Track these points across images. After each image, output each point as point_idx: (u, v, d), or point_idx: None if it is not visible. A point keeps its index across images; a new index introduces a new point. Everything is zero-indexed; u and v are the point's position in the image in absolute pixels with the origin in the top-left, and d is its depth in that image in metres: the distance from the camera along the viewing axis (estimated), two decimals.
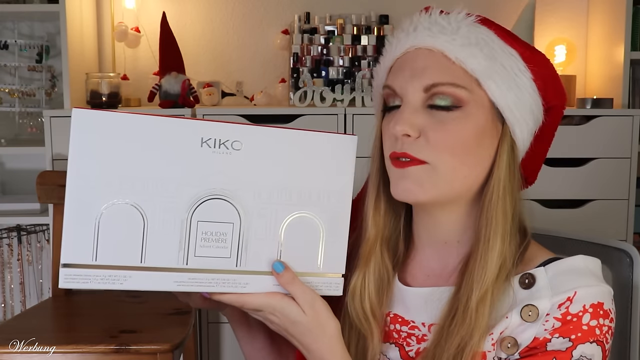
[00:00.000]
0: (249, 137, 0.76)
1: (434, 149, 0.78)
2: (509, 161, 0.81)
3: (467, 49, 0.79)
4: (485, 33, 0.81)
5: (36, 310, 1.88)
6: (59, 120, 2.16)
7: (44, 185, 2.07)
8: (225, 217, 0.76)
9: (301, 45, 2.49)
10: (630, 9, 2.28)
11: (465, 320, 0.78)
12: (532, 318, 0.77)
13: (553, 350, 0.76)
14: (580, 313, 0.76)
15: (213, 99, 2.44)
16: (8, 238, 2.56)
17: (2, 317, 2.59)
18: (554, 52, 2.53)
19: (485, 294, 0.78)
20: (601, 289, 0.78)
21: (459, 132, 0.78)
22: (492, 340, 0.79)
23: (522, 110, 0.81)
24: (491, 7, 2.56)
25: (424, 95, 0.79)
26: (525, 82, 0.81)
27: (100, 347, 1.55)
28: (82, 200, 0.72)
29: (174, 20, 2.49)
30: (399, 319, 0.88)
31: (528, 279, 0.80)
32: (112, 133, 0.72)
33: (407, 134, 0.79)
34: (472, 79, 0.79)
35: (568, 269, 0.80)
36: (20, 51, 2.44)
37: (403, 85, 0.81)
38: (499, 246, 0.79)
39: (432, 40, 0.80)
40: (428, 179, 0.79)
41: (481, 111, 0.79)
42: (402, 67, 0.82)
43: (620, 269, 1.03)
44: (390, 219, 0.89)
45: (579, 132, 2.20)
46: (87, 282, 0.72)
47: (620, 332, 1.03)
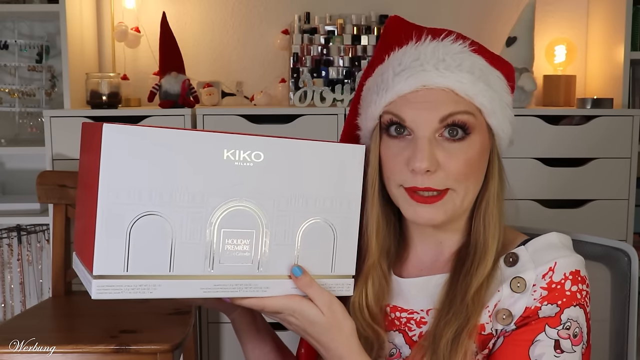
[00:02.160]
0: (268, 148, 0.81)
1: (451, 178, 0.85)
2: (499, 169, 0.91)
3: (475, 86, 0.86)
4: (478, 60, 0.89)
5: (36, 310, 1.89)
6: (59, 120, 2.16)
7: (44, 185, 2.07)
8: (247, 225, 0.81)
9: (301, 45, 2.49)
10: (630, 9, 2.28)
11: (462, 310, 0.86)
12: (520, 289, 0.86)
13: (544, 317, 0.85)
14: (562, 280, 0.86)
15: (213, 99, 2.44)
16: (8, 238, 2.56)
17: (2, 317, 2.59)
18: (554, 52, 2.53)
19: (481, 286, 0.87)
20: (576, 258, 0.88)
21: (469, 159, 0.86)
22: (489, 312, 0.87)
23: (507, 125, 0.91)
24: (491, 7, 2.56)
25: (437, 126, 0.85)
26: (508, 100, 0.91)
27: (100, 347, 1.55)
28: (113, 213, 0.74)
29: (174, 20, 2.50)
30: (398, 308, 0.95)
31: (512, 258, 0.89)
32: (140, 147, 0.74)
33: (429, 170, 0.84)
34: (476, 108, 0.87)
35: (545, 244, 0.89)
36: (20, 51, 2.44)
37: (416, 117, 0.85)
38: (495, 247, 0.89)
39: (443, 80, 0.85)
40: (450, 204, 0.87)
41: (482, 133, 0.88)
42: (412, 102, 0.86)
43: (618, 268, 1.03)
44: (388, 233, 0.95)
45: (579, 132, 2.20)
46: (119, 292, 0.75)
47: (618, 331, 1.03)
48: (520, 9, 2.40)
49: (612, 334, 1.05)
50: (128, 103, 2.47)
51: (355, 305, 0.92)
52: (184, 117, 2.18)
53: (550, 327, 0.84)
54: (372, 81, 0.93)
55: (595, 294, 1.00)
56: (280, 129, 2.20)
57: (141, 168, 0.74)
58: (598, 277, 1.04)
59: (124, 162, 0.74)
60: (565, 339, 0.84)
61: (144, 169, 0.75)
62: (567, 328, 0.84)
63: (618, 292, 1.03)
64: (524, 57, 2.28)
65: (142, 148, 0.74)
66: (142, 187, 0.75)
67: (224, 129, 2.19)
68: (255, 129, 2.19)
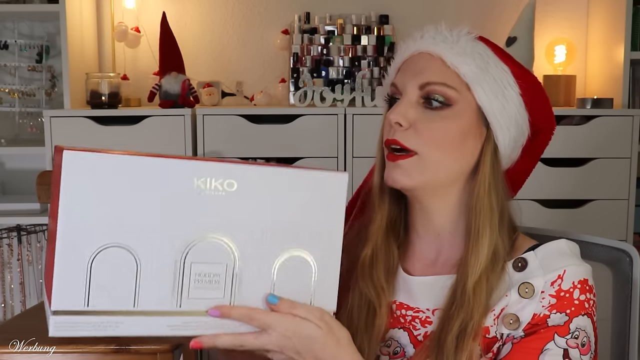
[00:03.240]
0: (242, 176, 0.75)
1: (421, 140, 0.87)
2: (492, 162, 0.90)
3: (462, 57, 0.89)
4: (482, 48, 0.91)
5: (36, 310, 1.88)
6: (59, 120, 2.16)
7: (44, 185, 2.07)
8: (219, 257, 0.75)
9: (301, 45, 2.49)
10: (630, 9, 2.28)
11: (464, 303, 0.85)
12: (528, 294, 0.85)
13: (553, 326, 0.84)
14: (571, 289, 0.85)
15: (213, 99, 2.44)
16: (8, 238, 2.56)
17: (2, 317, 2.59)
18: (554, 52, 2.53)
19: (480, 278, 0.86)
20: (585, 267, 0.87)
21: (445, 128, 0.88)
22: (494, 315, 0.87)
23: (507, 118, 0.90)
24: (491, 7, 2.56)
25: (419, 92, 0.89)
26: (512, 95, 0.90)
27: (100, 347, 1.55)
28: (72, 245, 0.69)
29: (174, 20, 2.49)
30: (404, 306, 0.94)
31: (521, 263, 0.88)
32: (103, 175, 0.69)
33: (399, 123, 0.88)
34: (463, 83, 0.88)
35: (554, 251, 0.89)
36: (20, 51, 2.44)
37: (404, 82, 0.91)
38: (489, 235, 0.88)
39: (434, 47, 0.90)
40: (415, 169, 0.88)
41: (468, 112, 0.89)
42: (407, 68, 0.92)
43: (620, 268, 1.03)
44: (393, 206, 0.96)
45: (579, 132, 2.20)
46: (78, 329, 0.70)
47: (620, 331, 1.03)
48: (520, 9, 2.40)
49: (614, 334, 1.05)
50: (128, 103, 2.47)
51: (365, 264, 0.93)
52: (184, 117, 2.18)
53: (560, 336, 0.84)
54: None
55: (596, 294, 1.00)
56: (281, 129, 2.20)
57: (104, 197, 0.69)
58: (599, 277, 1.04)
59: (86, 191, 0.69)
60: (573, 349, 0.83)
61: (107, 198, 0.69)
62: (575, 337, 0.84)
63: (619, 293, 1.03)
64: (524, 57, 2.28)
65: (105, 176, 0.69)
66: (104, 216, 0.69)
67: (224, 129, 2.20)
68: (255, 129, 2.19)
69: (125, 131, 2.19)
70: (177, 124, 2.18)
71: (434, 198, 0.92)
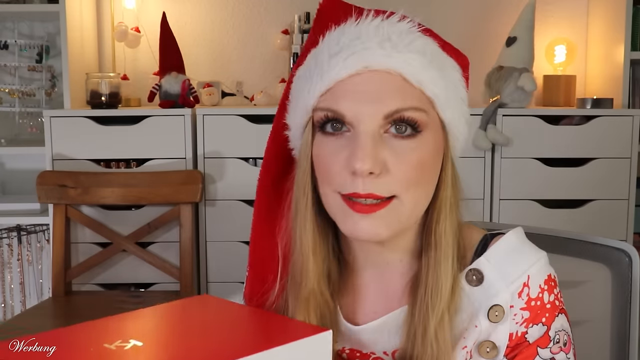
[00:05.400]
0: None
1: (398, 183, 0.71)
2: (452, 174, 0.77)
3: (427, 71, 0.72)
4: (429, 43, 0.75)
5: (36, 310, 1.89)
6: (59, 120, 2.16)
7: (44, 185, 2.07)
8: None
9: (301, 46, 2.49)
10: (630, 9, 2.28)
11: (426, 350, 0.74)
12: (499, 318, 0.76)
13: (534, 341, 0.77)
14: (539, 294, 0.76)
15: (213, 99, 2.44)
16: (8, 238, 2.56)
17: (2, 317, 2.59)
18: (554, 52, 2.53)
19: (442, 318, 0.74)
20: (544, 261, 0.78)
21: (418, 161, 0.72)
22: (467, 352, 0.77)
23: (462, 124, 0.78)
24: (491, 7, 2.56)
25: (382, 122, 0.71)
26: (464, 94, 0.78)
27: None
28: None
29: (174, 20, 2.49)
30: (357, 354, 0.81)
31: (475, 275, 0.77)
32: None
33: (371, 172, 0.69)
34: (428, 100, 0.73)
35: (507, 251, 0.78)
36: (20, 51, 2.44)
37: (357, 112, 0.70)
38: (450, 267, 0.75)
39: (388, 61, 0.71)
40: (394, 216, 0.72)
41: (435, 131, 0.74)
42: (352, 91, 0.71)
43: (619, 269, 1.03)
44: (326, 252, 0.80)
45: (579, 132, 2.20)
46: None
47: (620, 331, 1.03)
48: (520, 9, 2.40)
49: (613, 334, 1.05)
50: (128, 103, 2.47)
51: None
52: (184, 117, 2.18)
53: (542, 348, 0.77)
54: (304, 69, 0.77)
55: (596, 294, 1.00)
56: None
57: None
58: (598, 277, 1.04)
59: None
60: (557, 353, 0.77)
61: None
62: (557, 342, 0.77)
63: (619, 293, 1.03)
64: (524, 57, 2.28)
65: None
66: None
67: (224, 129, 2.20)
68: (255, 129, 2.19)
69: (125, 131, 2.19)
70: (177, 124, 2.18)
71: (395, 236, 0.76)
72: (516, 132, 2.17)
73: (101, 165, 2.20)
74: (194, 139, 2.21)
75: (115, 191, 2.10)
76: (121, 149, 2.19)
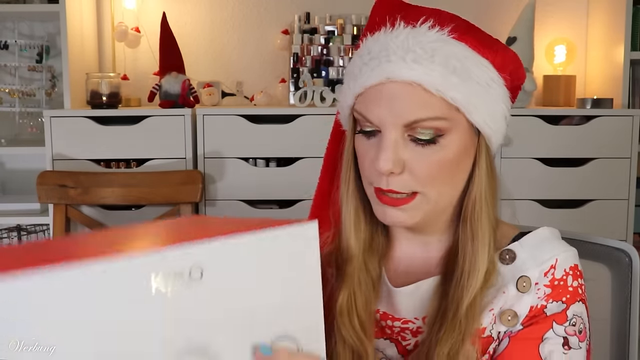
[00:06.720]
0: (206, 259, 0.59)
1: (419, 181, 0.79)
2: (487, 169, 0.83)
3: (446, 79, 0.77)
4: (458, 49, 0.79)
5: None
6: (59, 120, 2.16)
7: (44, 185, 2.07)
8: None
9: (301, 46, 2.49)
10: (630, 9, 2.28)
11: (455, 327, 0.80)
12: (526, 288, 0.83)
13: (552, 314, 0.83)
14: (564, 277, 0.83)
15: (213, 99, 2.44)
16: (8, 238, 2.56)
17: None
18: (554, 52, 2.53)
19: (474, 300, 0.81)
20: (573, 252, 0.86)
21: (439, 161, 0.79)
22: (493, 314, 0.83)
23: (497, 121, 0.82)
24: (491, 7, 2.56)
25: (403, 129, 0.78)
26: (498, 92, 0.81)
27: None
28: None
29: (174, 20, 2.49)
30: (389, 316, 0.88)
31: (508, 255, 0.85)
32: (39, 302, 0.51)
33: (392, 172, 0.78)
34: (452, 106, 0.78)
35: (539, 239, 0.86)
36: (20, 51, 2.44)
37: (381, 118, 0.78)
38: (487, 255, 0.82)
39: (409, 73, 0.77)
40: (419, 208, 0.81)
41: (460, 133, 0.80)
42: (377, 99, 0.79)
43: (619, 268, 1.03)
44: (369, 227, 0.88)
45: (579, 132, 2.20)
46: None
47: (620, 331, 1.03)
48: (520, 9, 2.40)
49: (613, 334, 1.05)
50: (128, 103, 2.47)
51: (343, 310, 0.84)
52: (184, 117, 2.18)
53: (558, 324, 0.82)
54: (351, 63, 0.85)
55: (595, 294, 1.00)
56: (281, 129, 2.20)
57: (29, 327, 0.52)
58: (599, 277, 1.04)
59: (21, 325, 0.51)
60: (572, 336, 0.82)
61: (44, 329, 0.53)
62: (573, 325, 0.83)
63: (619, 293, 1.03)
64: (523, 57, 2.27)
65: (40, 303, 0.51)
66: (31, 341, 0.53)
67: (224, 129, 2.20)
68: (255, 129, 2.19)
69: (125, 131, 2.19)
70: (177, 124, 2.18)
71: (428, 222, 0.85)
72: (516, 132, 2.17)
73: (101, 165, 2.20)
74: (194, 139, 2.21)
75: (115, 191, 2.10)
76: (121, 149, 2.19)
